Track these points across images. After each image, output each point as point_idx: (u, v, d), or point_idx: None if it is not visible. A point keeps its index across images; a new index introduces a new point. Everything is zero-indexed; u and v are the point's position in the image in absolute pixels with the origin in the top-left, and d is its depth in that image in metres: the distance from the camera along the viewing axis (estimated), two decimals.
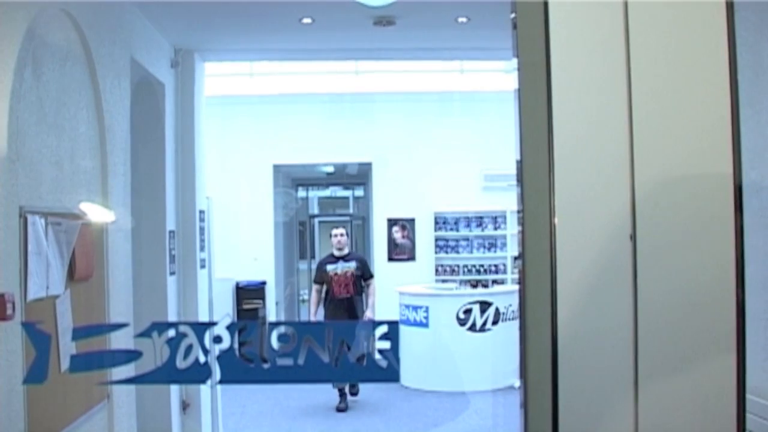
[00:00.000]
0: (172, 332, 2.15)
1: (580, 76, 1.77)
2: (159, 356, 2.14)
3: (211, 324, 2.14)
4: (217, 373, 2.19)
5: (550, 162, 1.74)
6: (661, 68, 1.77)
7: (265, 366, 2.17)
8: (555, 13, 1.75)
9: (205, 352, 2.14)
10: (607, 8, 1.75)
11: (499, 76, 12.38)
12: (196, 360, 2.13)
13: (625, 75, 1.74)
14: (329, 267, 10.25)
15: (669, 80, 1.77)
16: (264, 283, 13.12)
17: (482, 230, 13.56)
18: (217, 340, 2.15)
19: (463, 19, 6.87)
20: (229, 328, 2.13)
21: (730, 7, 1.77)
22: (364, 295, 10.23)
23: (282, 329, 2.19)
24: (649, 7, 1.75)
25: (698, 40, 1.79)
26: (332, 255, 10.39)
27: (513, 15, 1.80)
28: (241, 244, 12.63)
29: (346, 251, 10.35)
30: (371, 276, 10.48)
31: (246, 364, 2.14)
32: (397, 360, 2.20)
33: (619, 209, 1.74)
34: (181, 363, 2.16)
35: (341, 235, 10.38)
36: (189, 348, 2.14)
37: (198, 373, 2.15)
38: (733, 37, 1.76)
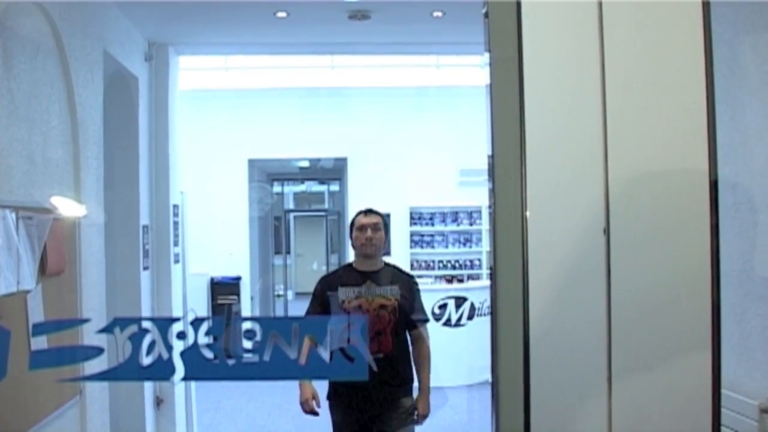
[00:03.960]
0: (134, 328, 2.12)
1: (553, 71, 1.76)
2: (122, 352, 2.11)
3: (175, 320, 2.11)
4: (180, 370, 2.16)
5: (521, 157, 1.72)
6: (635, 64, 1.75)
7: (230, 362, 2.14)
8: (527, 7, 1.73)
9: (169, 348, 2.11)
10: (581, 3, 1.74)
11: (475, 71, 12.35)
12: (160, 356, 2.10)
13: (598, 71, 1.73)
14: (344, 291, 5.34)
15: (644, 76, 1.76)
16: (239, 278, 13.07)
17: (458, 225, 13.56)
18: (181, 336, 2.12)
19: (439, 14, 6.86)
20: (193, 323, 2.10)
21: (706, 6, 1.75)
22: (413, 354, 5.38)
23: (247, 325, 2.15)
24: (624, 4, 1.74)
25: (674, 36, 1.78)
26: (351, 267, 5.55)
27: (485, 9, 1.77)
28: (215, 239, 12.58)
29: (379, 264, 5.48)
30: (425, 318, 5.58)
31: (210, 361, 2.11)
32: (365, 356, 2.17)
33: (593, 204, 1.73)
34: (144, 359, 2.12)
35: (374, 227, 5.45)
36: (152, 344, 2.11)
37: (161, 370, 2.11)
38: (710, 34, 1.75)
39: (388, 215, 13.25)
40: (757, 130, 3.62)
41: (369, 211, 5.64)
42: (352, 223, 5.65)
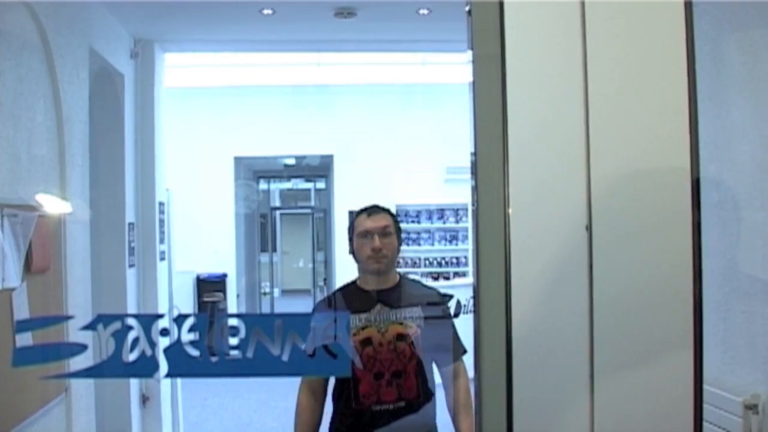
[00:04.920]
0: (118, 325, 2.12)
1: (536, 69, 1.77)
2: (105, 349, 2.11)
3: (158, 316, 2.11)
4: (164, 367, 2.16)
5: (504, 154, 1.73)
6: (617, 63, 1.76)
7: (213, 359, 2.13)
8: (510, 5, 1.74)
9: (152, 345, 2.11)
10: (564, 2, 1.74)
11: (461, 69, 12.34)
12: (143, 353, 2.10)
13: (581, 69, 1.73)
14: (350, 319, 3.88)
15: (626, 75, 1.77)
16: (225, 275, 13.06)
17: (444, 223, 13.57)
18: (164, 332, 2.11)
19: (424, 11, 6.86)
20: (176, 320, 2.10)
21: (688, 5, 1.76)
22: (447, 400, 4.07)
23: (231, 322, 2.14)
24: (607, 3, 1.75)
25: (656, 35, 1.78)
26: (355, 286, 4.14)
27: (468, 7, 1.78)
28: (201, 237, 12.56)
29: (392, 279, 4.10)
30: (463, 349, 4.04)
31: (193, 358, 2.11)
32: (348, 353, 2.17)
33: (575, 201, 1.74)
34: (127, 356, 2.12)
35: (383, 232, 4.01)
36: (135, 341, 2.11)
37: (145, 367, 2.11)
38: (692, 34, 1.76)
39: None
40: (743, 128, 3.64)
41: (374, 210, 4.08)
42: (352, 227, 4.10)
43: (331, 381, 4.02)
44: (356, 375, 3.85)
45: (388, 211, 4.15)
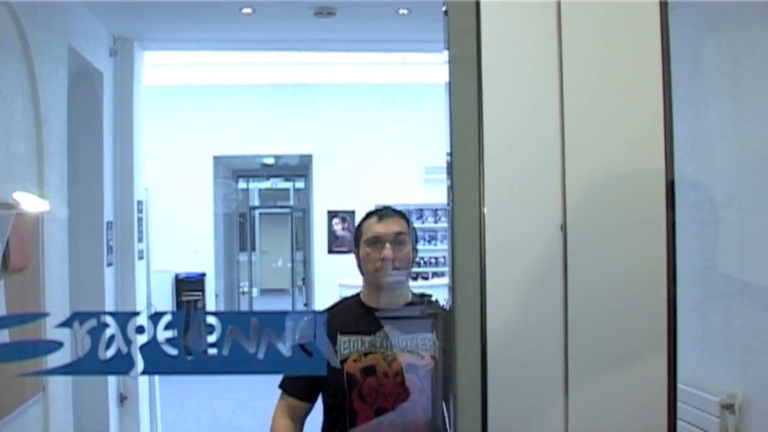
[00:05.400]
0: (94, 322, 2.12)
1: (511, 69, 1.78)
2: (81, 347, 2.11)
3: (134, 314, 2.11)
4: (140, 364, 2.16)
5: (479, 154, 1.73)
6: (593, 63, 1.77)
7: (189, 357, 2.13)
8: (486, 5, 1.75)
9: (128, 342, 2.10)
10: (540, 2, 1.75)
11: (440, 69, 12.34)
12: (119, 351, 2.10)
13: (556, 69, 1.74)
14: (346, 343, 3.26)
15: (601, 75, 1.78)
16: (203, 275, 13.04)
17: (422, 223, 13.57)
18: (140, 330, 2.11)
19: (404, 11, 6.87)
20: (152, 318, 2.10)
21: (663, 6, 1.77)
22: None
23: (209, 319, 2.14)
24: (582, 3, 1.76)
25: (631, 36, 1.79)
26: (359, 302, 3.47)
27: (444, 7, 1.79)
28: (180, 236, 12.54)
29: (404, 296, 3.41)
30: None
31: (169, 355, 2.11)
32: (324, 351, 2.17)
33: (550, 200, 1.74)
34: (103, 354, 2.12)
35: (395, 239, 3.34)
36: (111, 338, 2.11)
37: (120, 364, 2.11)
38: (667, 34, 1.77)
39: (353, 212, 13.40)
40: (720, 129, 3.66)
41: (386, 213, 3.46)
42: (359, 232, 3.50)
43: (316, 413, 3.42)
44: (354, 409, 3.21)
45: (402, 214, 3.49)
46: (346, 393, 3.21)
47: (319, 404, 3.41)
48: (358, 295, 3.50)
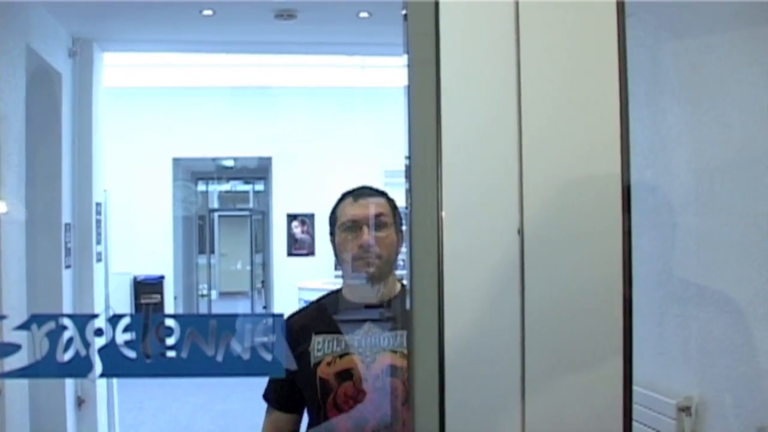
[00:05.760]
0: (52, 324, 2.11)
1: (470, 73, 1.78)
2: (39, 349, 2.10)
3: (93, 316, 2.10)
4: (98, 367, 2.15)
5: (438, 158, 1.74)
6: (550, 67, 1.78)
7: (148, 360, 2.12)
8: (445, 8, 1.76)
9: (86, 345, 2.09)
10: (498, 6, 1.77)
11: (399, 72, 12.36)
12: (77, 353, 2.09)
13: (514, 72, 1.75)
14: (321, 343, 2.86)
15: (558, 80, 1.79)
16: (162, 277, 12.97)
17: None
18: (99, 332, 2.10)
19: (365, 15, 6.89)
20: (111, 320, 2.09)
21: (620, 7, 1.79)
22: None
23: (165, 322, 2.13)
24: (540, 7, 1.77)
25: (588, 39, 1.80)
26: (339, 296, 3.04)
27: (404, 11, 1.80)
28: (139, 238, 12.46)
29: (390, 289, 2.96)
30: None
31: (127, 358, 2.10)
32: (282, 354, 2.15)
33: (508, 204, 1.75)
34: (61, 356, 2.11)
35: (376, 221, 2.96)
36: (70, 341, 2.10)
37: (79, 367, 2.10)
38: (623, 37, 1.78)
39: (312, 215, 13.40)
40: (677, 134, 3.70)
41: (364, 192, 3.11)
42: (333, 217, 3.10)
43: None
44: (329, 418, 2.82)
45: (383, 194, 3.11)
46: (320, 402, 2.83)
47: None
48: (339, 290, 3.05)
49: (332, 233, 3.06)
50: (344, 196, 3.10)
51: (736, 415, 3.30)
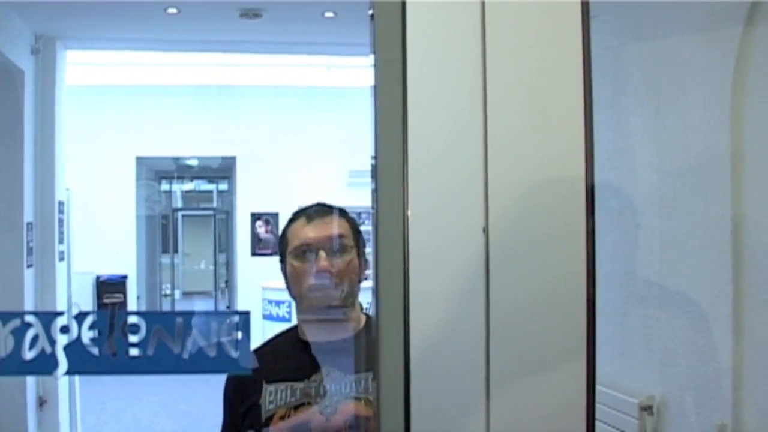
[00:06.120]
0: (17, 322, 2.10)
1: (436, 73, 1.78)
2: (3, 347, 2.08)
3: (58, 314, 2.09)
4: (64, 365, 2.14)
5: (404, 157, 1.75)
6: (516, 68, 1.78)
7: (114, 357, 2.10)
8: (412, 8, 1.76)
9: (52, 342, 2.08)
10: (465, 7, 1.77)
11: (365, 72, 12.37)
12: (42, 351, 2.08)
13: (480, 72, 1.76)
14: (272, 394, 2.40)
15: (524, 80, 1.79)
16: (125, 277, 12.91)
17: None
18: (64, 330, 2.09)
19: (330, 14, 6.89)
20: (76, 317, 2.08)
21: (585, 7, 1.79)
22: None
23: (132, 319, 2.11)
24: (506, 7, 1.77)
25: (553, 40, 1.81)
26: (293, 335, 2.58)
27: (371, 11, 1.80)
28: (102, 237, 12.40)
29: (351, 324, 2.55)
30: None
31: (93, 355, 2.09)
32: (248, 352, 2.14)
33: (473, 203, 1.76)
34: (26, 354, 2.10)
35: (333, 246, 2.50)
36: (35, 338, 2.09)
37: (44, 365, 2.09)
38: (588, 38, 1.79)
39: (276, 215, 13.38)
40: (641, 136, 3.72)
41: (318, 211, 2.68)
42: (284, 241, 2.64)
43: None
44: None
45: (343, 212, 2.73)
46: None
47: None
48: (294, 328, 2.62)
49: (282, 261, 2.61)
50: (296, 215, 2.66)
51: (698, 413, 3.33)
